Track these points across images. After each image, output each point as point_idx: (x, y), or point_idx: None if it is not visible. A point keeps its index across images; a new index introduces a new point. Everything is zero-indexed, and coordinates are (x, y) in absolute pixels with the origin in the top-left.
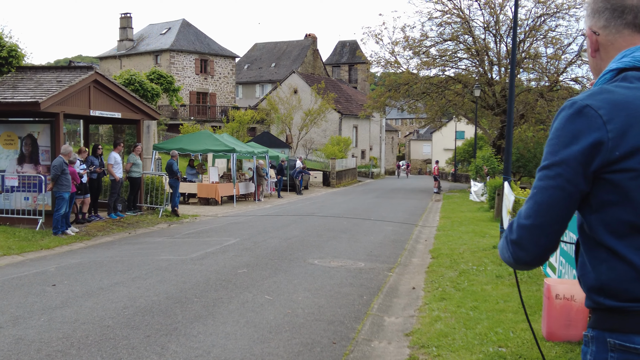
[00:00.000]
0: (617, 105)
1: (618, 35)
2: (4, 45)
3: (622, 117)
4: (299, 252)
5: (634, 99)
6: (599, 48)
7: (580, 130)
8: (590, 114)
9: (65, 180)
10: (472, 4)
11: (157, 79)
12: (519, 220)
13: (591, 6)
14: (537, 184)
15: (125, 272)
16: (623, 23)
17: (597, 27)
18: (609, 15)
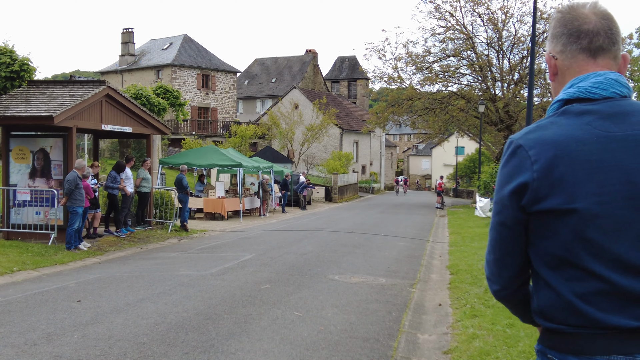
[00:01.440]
0: (546, 145)
1: (573, 60)
2: (15, 60)
3: (548, 157)
4: (318, 268)
5: (564, 138)
6: (557, 72)
7: (513, 171)
8: (521, 154)
9: (79, 195)
10: (475, 20)
11: (164, 93)
12: (486, 257)
13: (551, 31)
14: (491, 220)
15: (149, 288)
16: (578, 48)
17: (555, 51)
18: (565, 40)
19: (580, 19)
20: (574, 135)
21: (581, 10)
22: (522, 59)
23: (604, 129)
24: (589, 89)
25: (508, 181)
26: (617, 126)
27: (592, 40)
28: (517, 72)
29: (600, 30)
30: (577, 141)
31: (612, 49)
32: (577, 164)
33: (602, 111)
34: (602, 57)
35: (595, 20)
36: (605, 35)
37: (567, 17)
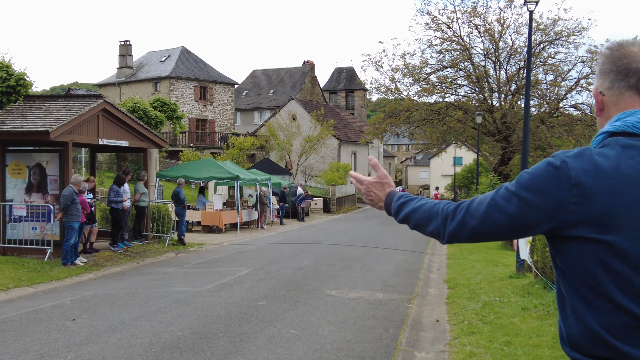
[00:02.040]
0: (588, 172)
1: (620, 97)
2: (12, 74)
3: (589, 185)
4: (315, 283)
5: (606, 169)
6: (604, 107)
7: (550, 184)
8: (564, 172)
9: (75, 210)
10: (472, 32)
11: (161, 106)
12: (466, 217)
13: (599, 67)
14: (498, 201)
15: (144, 306)
16: (626, 85)
17: (603, 87)
18: (613, 77)
19: (629, 57)
20: (616, 168)
21: (630, 48)
22: (519, 69)
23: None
24: (636, 124)
25: (542, 190)
26: None
27: (639, 79)
28: (514, 83)
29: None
30: (619, 174)
31: None
32: (616, 196)
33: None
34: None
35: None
36: None
37: (616, 54)
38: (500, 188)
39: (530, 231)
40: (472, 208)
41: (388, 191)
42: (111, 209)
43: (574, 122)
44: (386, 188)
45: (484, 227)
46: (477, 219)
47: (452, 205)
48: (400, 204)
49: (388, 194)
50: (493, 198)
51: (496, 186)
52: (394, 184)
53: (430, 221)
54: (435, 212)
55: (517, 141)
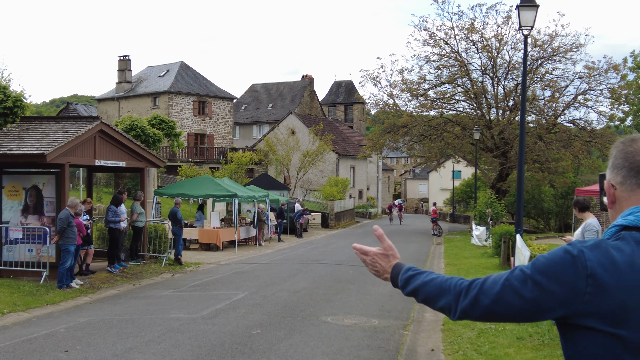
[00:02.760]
0: (604, 265)
1: (632, 193)
2: (9, 96)
3: (604, 278)
4: (311, 308)
5: (620, 263)
6: (616, 201)
7: (566, 272)
8: (580, 262)
9: (72, 233)
10: (470, 48)
11: (159, 124)
12: (479, 295)
13: (612, 161)
14: (513, 282)
15: (138, 335)
16: (638, 182)
17: (615, 181)
18: (626, 172)
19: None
20: (631, 263)
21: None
22: (517, 85)
23: None
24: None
25: (557, 277)
26: None
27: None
28: (512, 99)
29: None
30: (634, 269)
31: None
32: (630, 291)
33: None
34: None
35: None
36: None
37: (629, 149)
38: (515, 269)
39: (543, 315)
40: (486, 286)
41: (394, 263)
42: (109, 229)
43: (571, 138)
44: (392, 260)
45: (497, 307)
46: (490, 298)
47: (465, 282)
48: (408, 277)
49: (394, 266)
50: (508, 278)
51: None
52: (399, 255)
53: (441, 296)
54: (447, 288)
55: (515, 157)
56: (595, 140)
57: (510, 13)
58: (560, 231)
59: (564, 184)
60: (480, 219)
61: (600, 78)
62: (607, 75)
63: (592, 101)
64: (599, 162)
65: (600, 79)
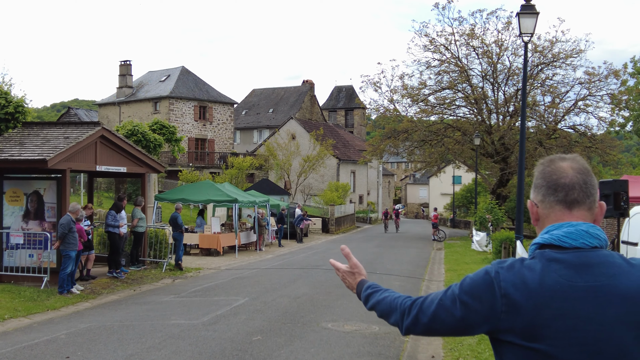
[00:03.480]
0: (516, 285)
1: (551, 210)
2: (10, 101)
3: (516, 297)
4: (311, 314)
5: (532, 283)
6: (539, 218)
7: (485, 291)
8: (496, 282)
9: (72, 239)
10: (470, 54)
11: (160, 129)
12: (419, 314)
13: (534, 182)
14: (445, 302)
15: (138, 341)
16: (555, 200)
17: (537, 200)
18: (544, 191)
19: (557, 173)
20: (540, 281)
21: (559, 163)
22: (517, 91)
23: (567, 279)
24: (561, 237)
25: (479, 298)
26: (581, 277)
27: (567, 194)
28: (512, 104)
29: (575, 185)
30: (543, 287)
31: (586, 202)
32: (540, 309)
33: (569, 261)
34: (577, 208)
35: (572, 174)
36: (580, 189)
37: (547, 170)
38: (448, 289)
39: (473, 331)
40: (425, 306)
41: (358, 280)
42: (108, 234)
43: (572, 143)
44: (357, 277)
45: (434, 324)
46: (427, 317)
47: (408, 301)
48: (368, 294)
49: (358, 283)
50: (441, 298)
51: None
52: (364, 272)
53: (391, 314)
54: (395, 306)
55: (516, 162)
56: (596, 146)
57: (510, 19)
58: None
59: None
60: (481, 224)
61: (600, 84)
62: (607, 81)
63: (592, 107)
64: (600, 168)
65: (601, 84)
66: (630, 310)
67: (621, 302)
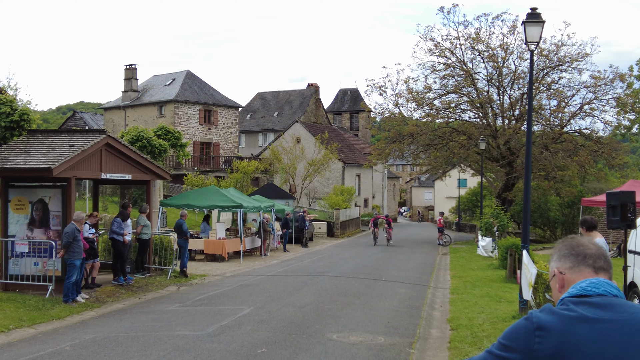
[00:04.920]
0: (547, 316)
1: (580, 274)
2: (15, 109)
3: (547, 322)
4: (316, 325)
5: (560, 312)
6: (564, 285)
7: (522, 331)
8: (531, 320)
9: (77, 247)
10: (475, 57)
11: (165, 134)
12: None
13: (558, 253)
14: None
15: (143, 354)
16: (585, 264)
17: (564, 267)
18: (574, 259)
19: (583, 246)
20: (569, 313)
21: (582, 240)
22: (523, 95)
23: (594, 313)
24: (585, 287)
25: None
26: (606, 312)
27: (595, 261)
28: (518, 108)
29: (600, 256)
30: (572, 317)
31: (609, 271)
32: (569, 334)
33: (594, 302)
34: (602, 274)
35: (595, 249)
36: (604, 260)
37: (573, 243)
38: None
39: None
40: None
41: None
42: (112, 241)
43: (577, 147)
44: None
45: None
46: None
47: None
48: None
49: None
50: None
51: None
52: None
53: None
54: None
55: (521, 167)
56: (602, 149)
57: (516, 22)
58: None
59: (570, 193)
60: (487, 230)
61: (606, 87)
62: (613, 84)
63: (598, 110)
64: (606, 171)
65: (607, 88)
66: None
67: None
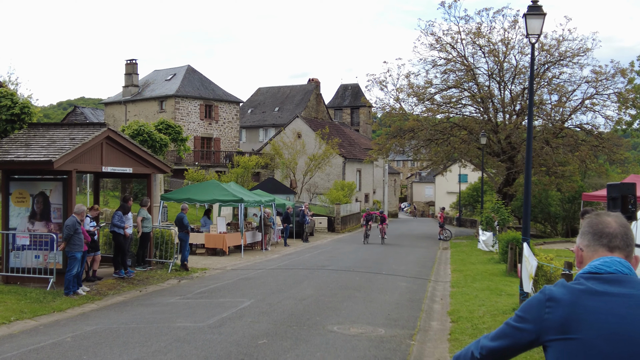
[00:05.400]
0: (558, 289)
1: (595, 253)
2: (16, 102)
3: (557, 294)
4: (317, 317)
5: (570, 285)
6: (582, 261)
7: (536, 303)
8: (543, 292)
9: (78, 240)
10: (476, 52)
11: (165, 129)
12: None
13: (581, 230)
14: (509, 323)
15: (144, 345)
16: (600, 244)
17: (583, 245)
18: (591, 237)
19: (603, 224)
20: (579, 285)
21: (606, 217)
22: (524, 90)
23: (602, 287)
24: (597, 265)
25: (529, 311)
26: (614, 287)
27: (611, 240)
28: (519, 103)
29: (618, 234)
30: (581, 290)
31: (626, 249)
32: (577, 304)
33: (604, 278)
34: (617, 253)
35: (616, 226)
36: (622, 239)
37: (594, 221)
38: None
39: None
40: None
41: None
42: (113, 234)
43: (578, 142)
44: None
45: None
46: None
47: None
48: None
49: None
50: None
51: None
52: None
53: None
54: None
55: (522, 161)
56: (603, 144)
57: (517, 17)
58: (567, 235)
59: (571, 189)
60: (487, 224)
61: (607, 82)
62: (614, 79)
63: (599, 105)
64: (606, 166)
65: (608, 83)
66: None
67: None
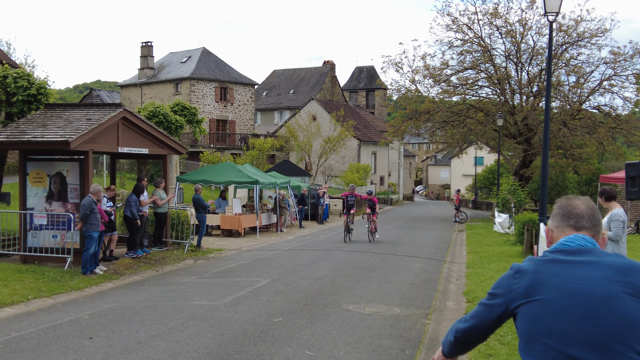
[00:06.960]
0: (525, 263)
1: (563, 233)
2: (33, 83)
3: (523, 266)
4: (332, 296)
5: (535, 258)
6: (552, 241)
7: (506, 277)
8: (512, 268)
9: (95, 220)
10: (493, 33)
11: (181, 110)
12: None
13: (552, 212)
14: (482, 302)
15: (161, 322)
16: (567, 224)
17: (553, 226)
18: (560, 218)
19: (571, 206)
20: (545, 260)
21: (574, 200)
22: (541, 71)
23: (564, 257)
24: (563, 241)
25: (500, 286)
26: (575, 257)
27: (578, 221)
28: (536, 85)
29: (585, 215)
30: (545, 260)
31: (592, 229)
32: (541, 271)
33: (567, 250)
34: (584, 232)
35: (583, 207)
36: (588, 219)
37: (564, 203)
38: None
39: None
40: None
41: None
42: (125, 217)
43: (596, 124)
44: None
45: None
46: (469, 314)
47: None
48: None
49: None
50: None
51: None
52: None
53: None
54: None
55: (539, 143)
56: (621, 126)
57: None
58: None
59: (588, 171)
60: (503, 206)
61: (625, 63)
62: (632, 60)
63: (617, 87)
64: (624, 149)
65: (626, 64)
66: (616, 272)
67: (608, 268)
